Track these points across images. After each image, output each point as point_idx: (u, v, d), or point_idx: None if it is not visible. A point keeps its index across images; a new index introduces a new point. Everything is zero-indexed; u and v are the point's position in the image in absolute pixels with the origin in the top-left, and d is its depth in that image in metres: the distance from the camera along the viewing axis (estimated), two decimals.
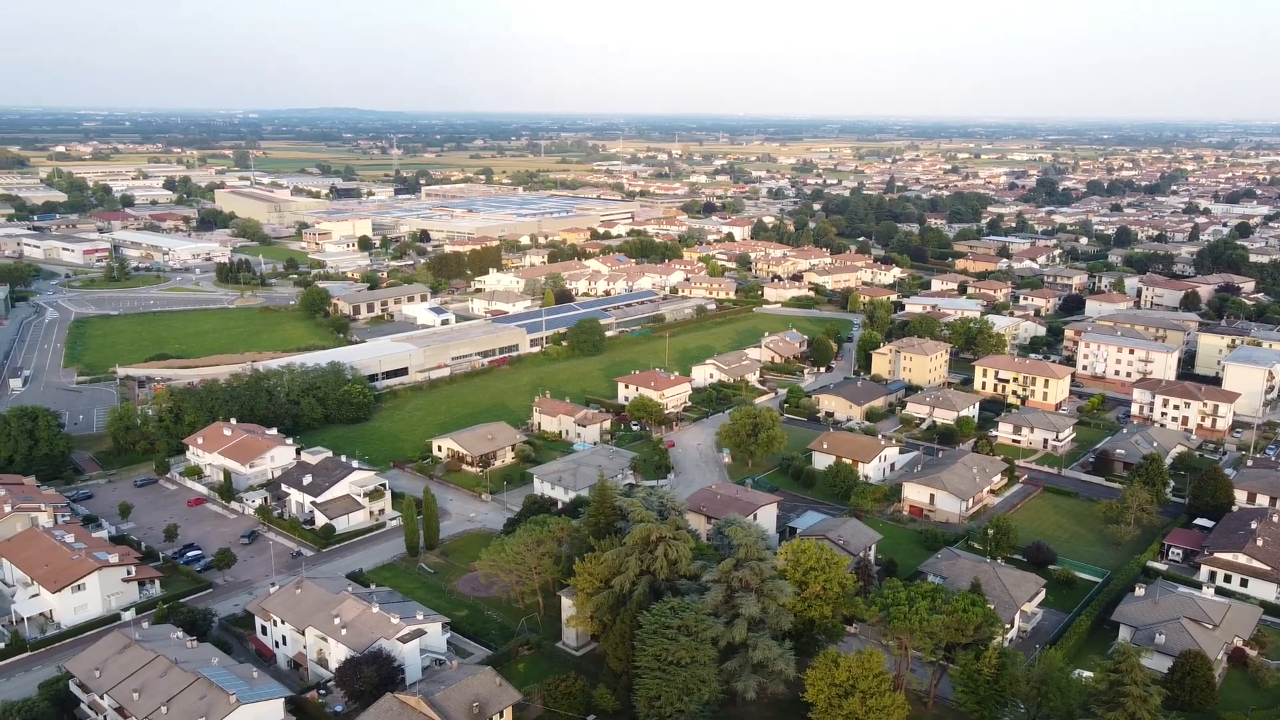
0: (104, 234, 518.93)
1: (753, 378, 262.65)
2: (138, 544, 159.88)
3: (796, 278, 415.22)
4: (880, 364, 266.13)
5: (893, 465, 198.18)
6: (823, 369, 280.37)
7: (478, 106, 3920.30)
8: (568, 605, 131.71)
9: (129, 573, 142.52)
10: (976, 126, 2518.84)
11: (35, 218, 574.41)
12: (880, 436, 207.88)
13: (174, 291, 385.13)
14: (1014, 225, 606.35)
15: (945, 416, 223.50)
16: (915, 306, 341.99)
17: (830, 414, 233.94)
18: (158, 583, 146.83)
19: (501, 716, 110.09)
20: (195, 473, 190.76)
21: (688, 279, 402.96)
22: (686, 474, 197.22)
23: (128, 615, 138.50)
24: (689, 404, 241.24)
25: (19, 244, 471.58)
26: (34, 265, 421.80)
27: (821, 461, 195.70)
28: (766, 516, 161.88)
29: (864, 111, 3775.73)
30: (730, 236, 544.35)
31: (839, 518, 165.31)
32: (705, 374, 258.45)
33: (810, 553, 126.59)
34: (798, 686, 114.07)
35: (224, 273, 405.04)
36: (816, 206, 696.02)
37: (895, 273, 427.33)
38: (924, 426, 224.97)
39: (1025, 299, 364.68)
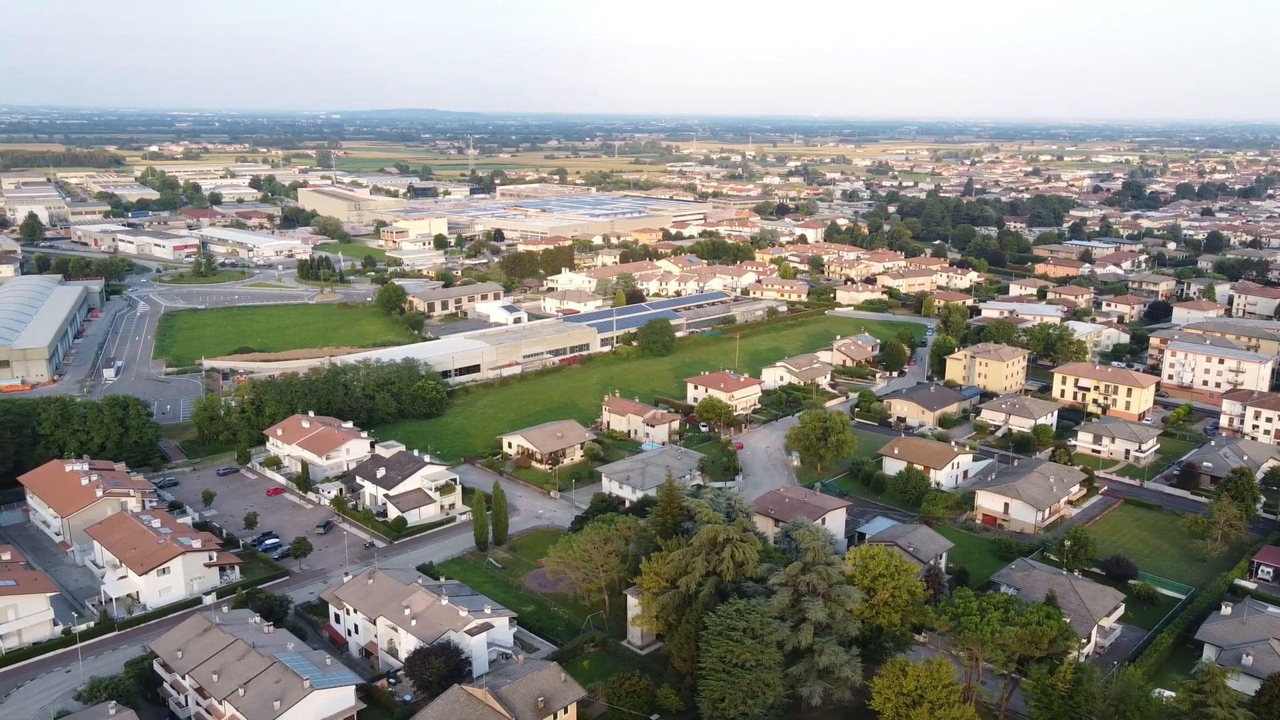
0: (193, 231, 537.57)
1: (823, 381, 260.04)
2: (219, 531, 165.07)
3: (870, 281, 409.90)
4: (954, 369, 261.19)
5: (966, 473, 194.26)
6: (895, 373, 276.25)
7: (553, 108, 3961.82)
8: (633, 604, 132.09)
9: (211, 558, 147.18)
10: (1060, 128, 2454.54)
11: (130, 214, 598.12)
12: (953, 443, 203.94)
13: (258, 287, 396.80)
14: (1098, 229, 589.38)
15: (1022, 424, 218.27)
16: (992, 311, 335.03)
17: (902, 419, 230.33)
18: (237, 569, 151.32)
19: (566, 712, 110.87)
20: (274, 463, 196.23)
21: (759, 281, 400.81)
22: (754, 476, 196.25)
23: (209, 599, 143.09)
24: (758, 406, 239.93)
25: (114, 239, 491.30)
26: (128, 260, 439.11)
27: (892, 467, 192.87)
28: (835, 521, 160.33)
29: (942, 113, 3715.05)
30: (803, 238, 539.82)
31: (909, 524, 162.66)
32: (775, 376, 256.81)
33: (879, 559, 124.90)
34: (864, 694, 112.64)
35: (305, 269, 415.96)
36: (891, 209, 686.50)
37: (972, 277, 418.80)
38: (999, 434, 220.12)
39: (1108, 305, 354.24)
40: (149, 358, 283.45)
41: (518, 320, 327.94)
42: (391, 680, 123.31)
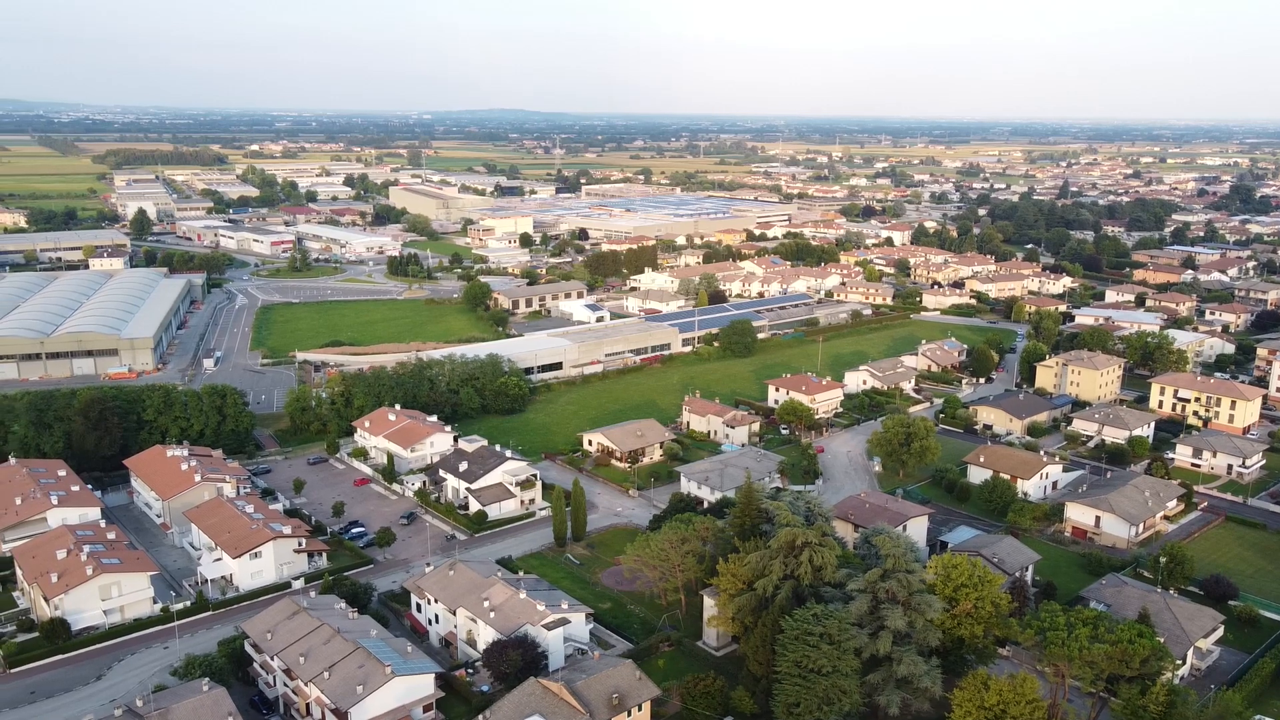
0: (289, 227, 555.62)
1: (907, 386, 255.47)
2: (308, 518, 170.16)
3: (958, 285, 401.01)
4: (1045, 377, 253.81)
5: (1055, 484, 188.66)
6: (982, 380, 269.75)
7: (639, 108, 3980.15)
8: (709, 605, 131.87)
9: (300, 544, 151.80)
10: (1163, 129, 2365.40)
11: (231, 211, 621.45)
12: (1042, 453, 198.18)
13: (349, 282, 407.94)
14: (1202, 234, 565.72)
15: (1116, 435, 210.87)
16: (1086, 318, 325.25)
17: (988, 427, 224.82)
18: (324, 555, 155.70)
19: (640, 710, 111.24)
20: (362, 454, 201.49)
21: (843, 283, 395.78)
22: (835, 481, 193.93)
23: (297, 584, 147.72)
24: (840, 410, 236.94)
25: (216, 235, 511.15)
26: (228, 255, 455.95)
27: (977, 475, 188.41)
28: (916, 529, 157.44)
29: (1038, 114, 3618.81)
30: (889, 241, 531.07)
31: (994, 535, 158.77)
32: (858, 380, 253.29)
33: (962, 568, 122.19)
34: (944, 706, 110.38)
35: (394, 266, 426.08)
36: (982, 211, 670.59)
37: (1065, 282, 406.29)
38: (1091, 445, 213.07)
39: (1212, 314, 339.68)
40: (246, 349, 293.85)
41: (600, 319, 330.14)
42: (470, 670, 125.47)
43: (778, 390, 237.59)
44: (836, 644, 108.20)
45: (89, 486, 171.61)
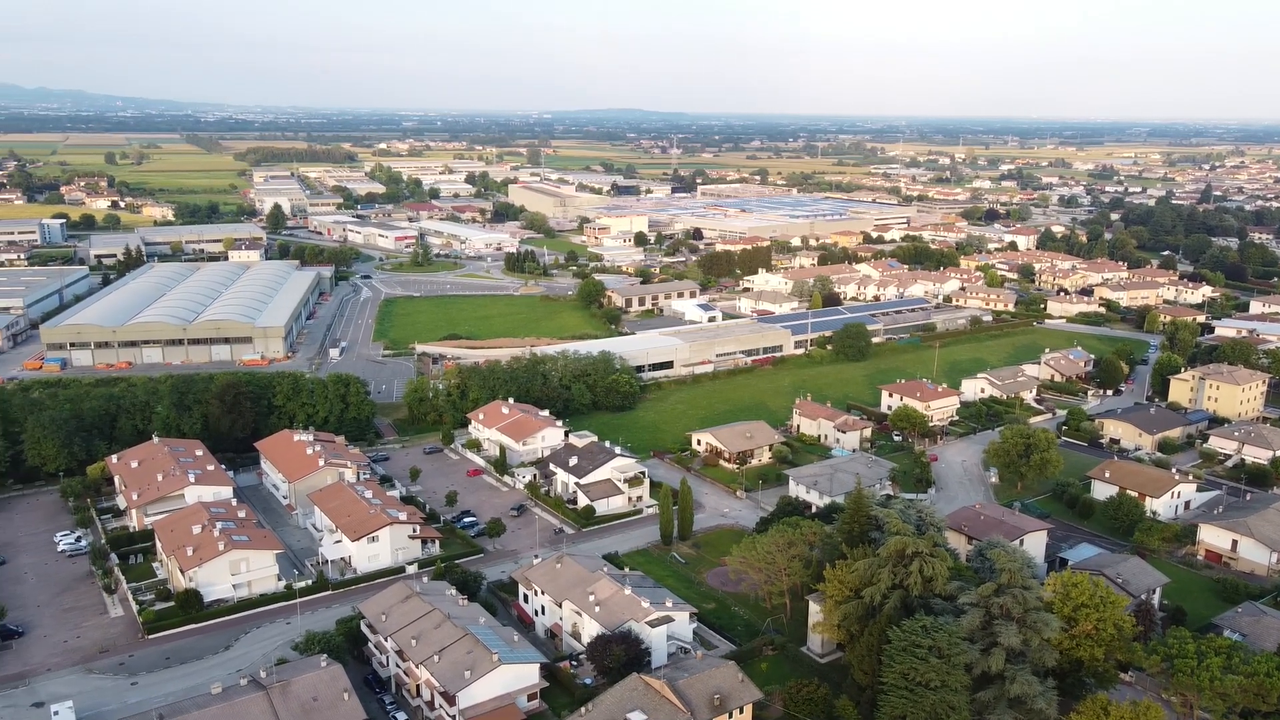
0: (413, 223, 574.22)
1: (1028, 396, 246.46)
2: (423, 506, 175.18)
3: (1086, 292, 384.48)
4: (1180, 391, 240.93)
5: (1187, 503, 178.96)
6: (1109, 392, 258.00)
7: (757, 108, 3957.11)
8: (815, 611, 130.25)
9: (414, 531, 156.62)
10: None
11: (359, 206, 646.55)
12: (1174, 470, 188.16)
13: (467, 278, 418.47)
14: None
15: (1258, 455, 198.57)
16: (1228, 330, 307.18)
17: (1115, 441, 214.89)
18: (437, 543, 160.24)
19: (741, 712, 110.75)
20: (475, 446, 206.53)
21: (963, 288, 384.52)
22: (948, 490, 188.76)
23: (411, 569, 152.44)
24: (956, 418, 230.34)
25: (344, 229, 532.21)
26: (355, 249, 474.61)
27: (1102, 491, 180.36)
28: (1034, 544, 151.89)
29: (1178, 114, 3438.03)
30: (1013, 245, 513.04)
31: (1119, 554, 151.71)
32: (976, 388, 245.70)
33: (1083, 587, 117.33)
34: None
35: (511, 262, 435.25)
36: (1114, 216, 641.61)
37: (1205, 291, 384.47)
38: (1230, 464, 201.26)
39: None
40: (369, 340, 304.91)
41: (712, 319, 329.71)
42: (574, 663, 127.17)
43: (891, 396, 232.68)
44: (946, 658, 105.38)
45: (223, 466, 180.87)
